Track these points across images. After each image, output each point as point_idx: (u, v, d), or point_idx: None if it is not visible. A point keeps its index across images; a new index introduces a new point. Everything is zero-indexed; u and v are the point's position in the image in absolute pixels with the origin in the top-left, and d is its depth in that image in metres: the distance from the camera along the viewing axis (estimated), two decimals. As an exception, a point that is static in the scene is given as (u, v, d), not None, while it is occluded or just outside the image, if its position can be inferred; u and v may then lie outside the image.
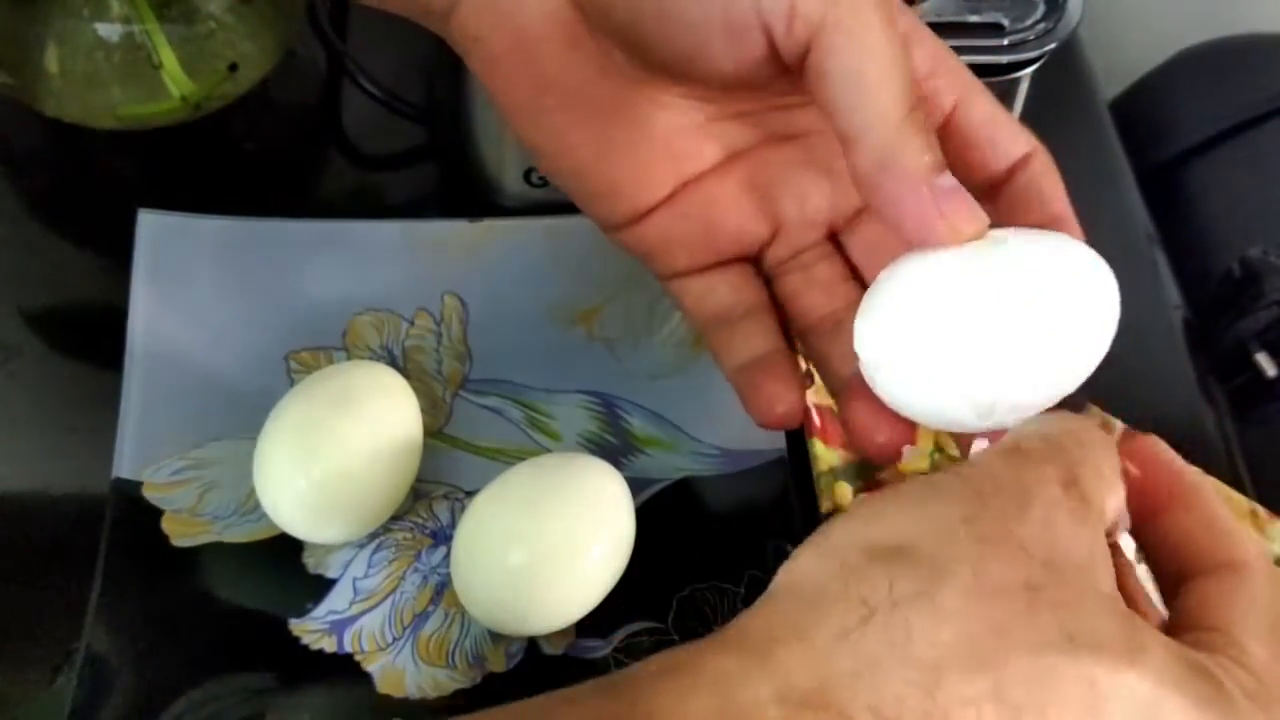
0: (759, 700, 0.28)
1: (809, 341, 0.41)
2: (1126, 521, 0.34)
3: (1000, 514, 0.30)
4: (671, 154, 0.40)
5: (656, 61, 0.38)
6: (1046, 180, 0.38)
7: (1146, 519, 0.34)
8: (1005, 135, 0.38)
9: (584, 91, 0.39)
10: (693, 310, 0.43)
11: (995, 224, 0.36)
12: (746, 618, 0.30)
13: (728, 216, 0.41)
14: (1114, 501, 0.33)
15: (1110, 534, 0.33)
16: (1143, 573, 0.35)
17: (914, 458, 0.51)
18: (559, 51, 0.38)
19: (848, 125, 0.34)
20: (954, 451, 0.50)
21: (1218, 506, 0.34)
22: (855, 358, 0.36)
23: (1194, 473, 0.35)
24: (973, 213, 0.34)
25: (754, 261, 0.42)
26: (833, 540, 0.30)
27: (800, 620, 0.29)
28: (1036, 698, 0.28)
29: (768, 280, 0.42)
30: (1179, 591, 0.33)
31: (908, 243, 0.35)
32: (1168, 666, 0.29)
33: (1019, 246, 0.35)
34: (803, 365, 0.42)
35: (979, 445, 0.37)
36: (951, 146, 0.38)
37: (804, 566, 0.30)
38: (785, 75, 0.36)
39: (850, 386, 0.38)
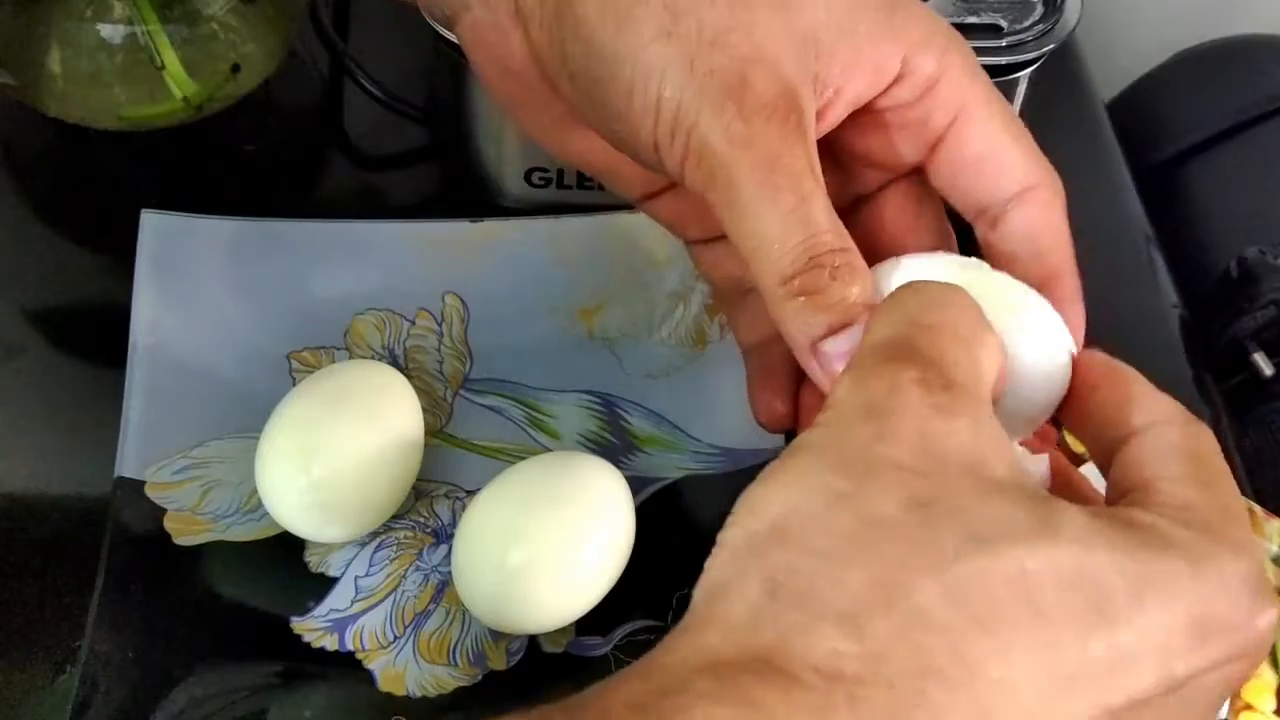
0: (689, 675, 0.27)
1: (730, 302, 0.43)
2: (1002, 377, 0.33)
3: (860, 444, 0.30)
4: None
5: None
6: (1044, 227, 0.38)
7: (1070, 408, 0.35)
8: (1003, 163, 0.38)
9: (570, 113, 0.40)
10: (707, 274, 0.44)
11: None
12: (673, 630, 0.30)
13: None
14: (987, 360, 0.32)
15: (995, 396, 0.32)
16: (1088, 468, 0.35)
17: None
18: (542, 83, 0.40)
19: (746, 269, 0.35)
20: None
21: (1133, 378, 0.34)
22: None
23: (1108, 359, 0.35)
24: None
25: None
26: (727, 539, 0.30)
27: (713, 611, 0.29)
28: (967, 610, 0.27)
29: None
30: (1108, 469, 0.33)
31: None
32: (1088, 529, 0.29)
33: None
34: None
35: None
36: (943, 169, 0.39)
37: (709, 570, 0.30)
38: None
39: (755, 353, 0.41)
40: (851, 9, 0.37)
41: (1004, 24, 0.54)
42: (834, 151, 0.39)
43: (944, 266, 0.36)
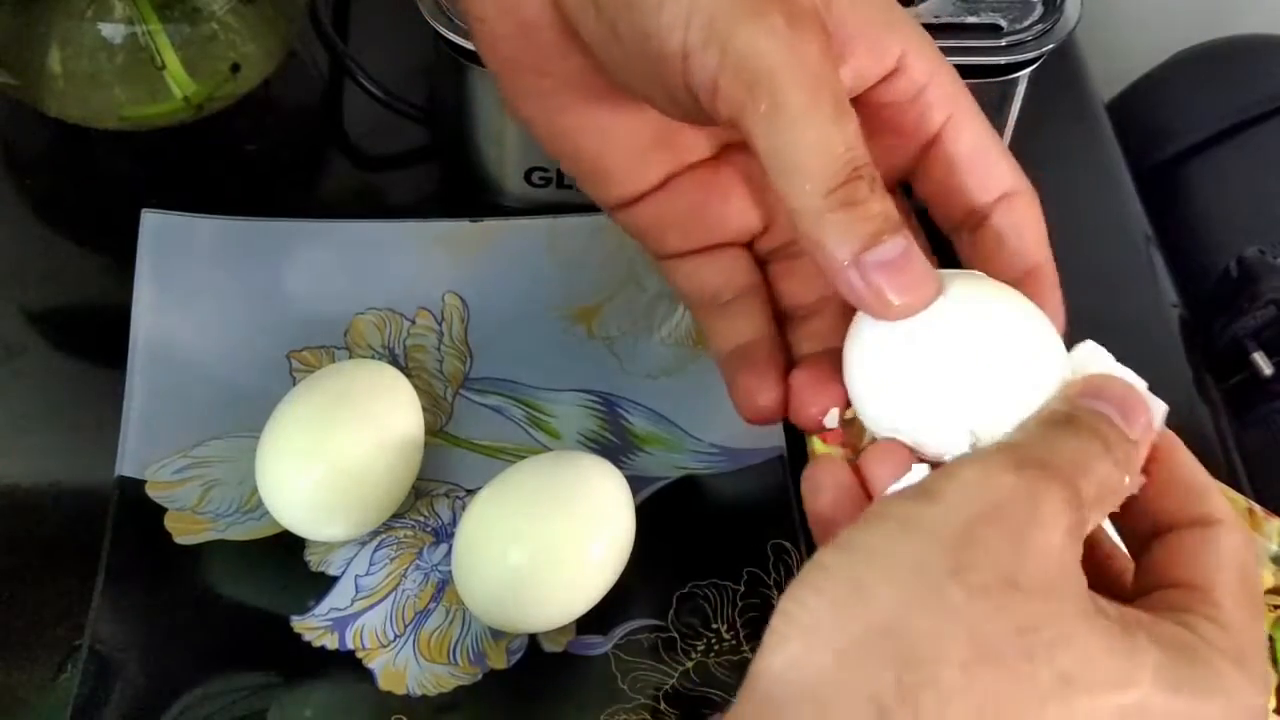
0: None
1: (784, 322, 0.42)
2: None
3: (991, 549, 0.29)
4: (665, 144, 0.41)
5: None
6: (1027, 225, 0.38)
7: None
8: (991, 167, 0.38)
9: (580, 79, 0.39)
10: (683, 289, 0.43)
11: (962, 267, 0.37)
12: (757, 715, 0.29)
13: (719, 207, 0.41)
14: (1129, 480, 0.32)
15: None
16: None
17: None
18: (557, 39, 0.39)
19: (779, 197, 0.34)
20: None
21: (1191, 463, 0.34)
22: (821, 343, 0.37)
23: (1168, 432, 0.34)
24: (902, 286, 0.34)
25: (749, 246, 0.43)
26: (823, 624, 0.29)
27: None
28: None
29: (761, 264, 0.43)
30: (1150, 547, 0.33)
31: None
32: (1161, 670, 0.29)
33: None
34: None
35: None
36: (933, 170, 0.39)
37: (795, 660, 0.29)
38: None
39: (804, 361, 0.39)
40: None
41: (1004, 23, 0.54)
42: None
43: (972, 283, 0.36)
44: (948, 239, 0.40)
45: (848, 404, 0.37)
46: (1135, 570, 0.34)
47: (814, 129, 0.33)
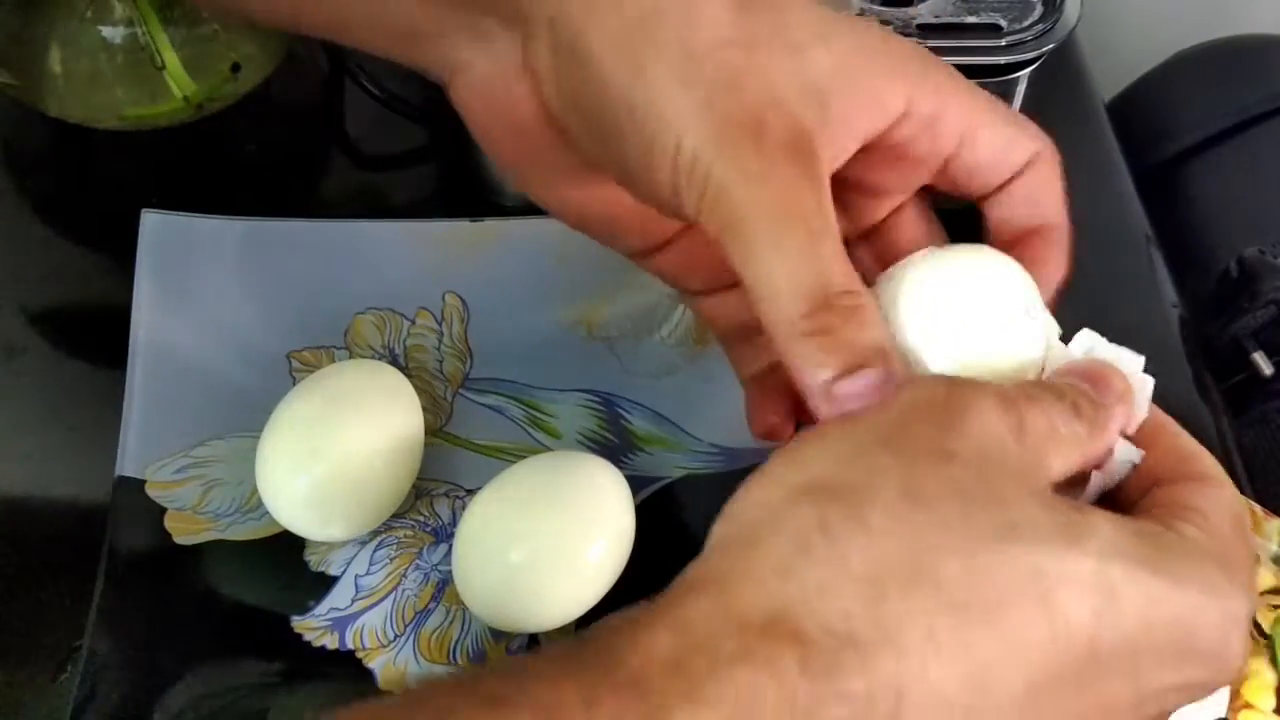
0: (715, 632, 0.28)
1: (729, 341, 0.44)
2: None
3: (924, 429, 0.30)
4: None
5: None
6: (1043, 186, 0.39)
7: None
8: (1011, 154, 0.39)
9: (576, 167, 0.40)
10: (711, 323, 0.45)
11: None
12: (692, 570, 0.31)
13: None
14: (1059, 461, 0.32)
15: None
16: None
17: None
18: (550, 139, 0.40)
19: (756, 311, 0.35)
20: None
21: (1182, 433, 0.35)
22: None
23: (1158, 410, 0.35)
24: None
25: None
26: (758, 487, 0.31)
27: (742, 562, 0.29)
28: (982, 594, 0.28)
29: None
30: (1141, 500, 0.33)
31: None
32: (1112, 539, 0.29)
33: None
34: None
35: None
36: (958, 178, 0.39)
37: (736, 515, 0.31)
38: None
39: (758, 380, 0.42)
40: (852, 53, 0.37)
41: (1004, 23, 0.54)
42: (847, 186, 0.39)
43: (964, 256, 0.37)
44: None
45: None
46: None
47: (781, 264, 0.34)
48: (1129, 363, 0.35)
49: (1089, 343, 0.36)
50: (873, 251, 0.42)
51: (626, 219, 0.42)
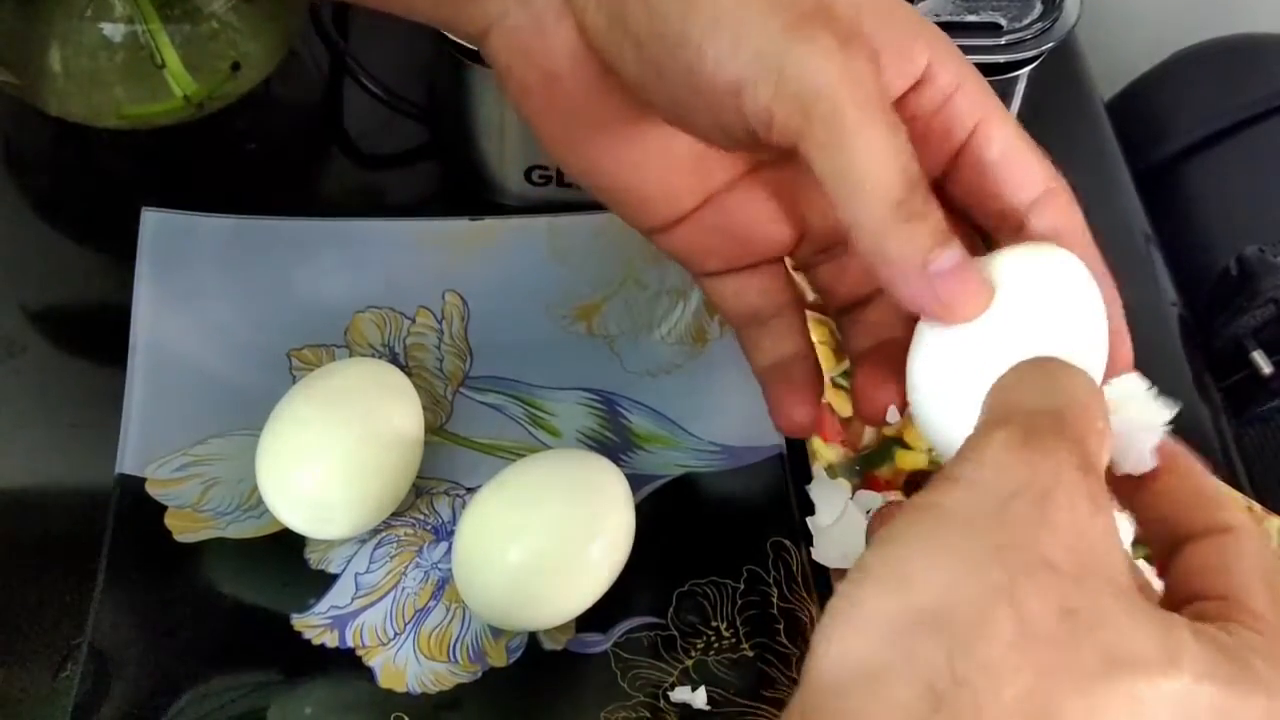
0: None
1: (838, 319, 0.43)
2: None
3: (1025, 529, 0.29)
4: (697, 169, 0.41)
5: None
6: (1066, 227, 0.38)
7: (1135, 489, 0.34)
8: (1024, 168, 0.38)
9: (611, 122, 0.40)
10: (724, 308, 0.44)
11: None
12: (806, 706, 0.29)
13: (754, 225, 0.42)
14: (1105, 454, 0.32)
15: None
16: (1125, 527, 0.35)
17: (910, 455, 0.51)
18: (586, 87, 0.39)
19: (840, 215, 0.35)
20: None
21: (1202, 472, 0.34)
22: (876, 336, 0.39)
23: (1178, 446, 0.35)
24: (968, 292, 0.34)
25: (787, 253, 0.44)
26: (868, 615, 0.29)
27: (869, 710, 0.28)
28: None
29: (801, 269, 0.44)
30: (1173, 559, 0.33)
31: None
32: (1200, 660, 0.29)
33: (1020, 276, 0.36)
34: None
35: None
36: (965, 175, 0.39)
37: (847, 649, 0.29)
38: None
39: (864, 358, 0.40)
40: (884, 10, 0.37)
41: (1003, 22, 0.54)
42: None
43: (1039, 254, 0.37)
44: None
45: (906, 402, 0.38)
46: (1165, 591, 0.34)
47: (875, 146, 0.34)
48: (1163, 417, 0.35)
49: (1132, 389, 0.35)
50: None
51: (650, 188, 0.41)
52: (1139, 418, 0.34)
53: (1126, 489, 0.35)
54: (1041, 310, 0.35)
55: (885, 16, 0.37)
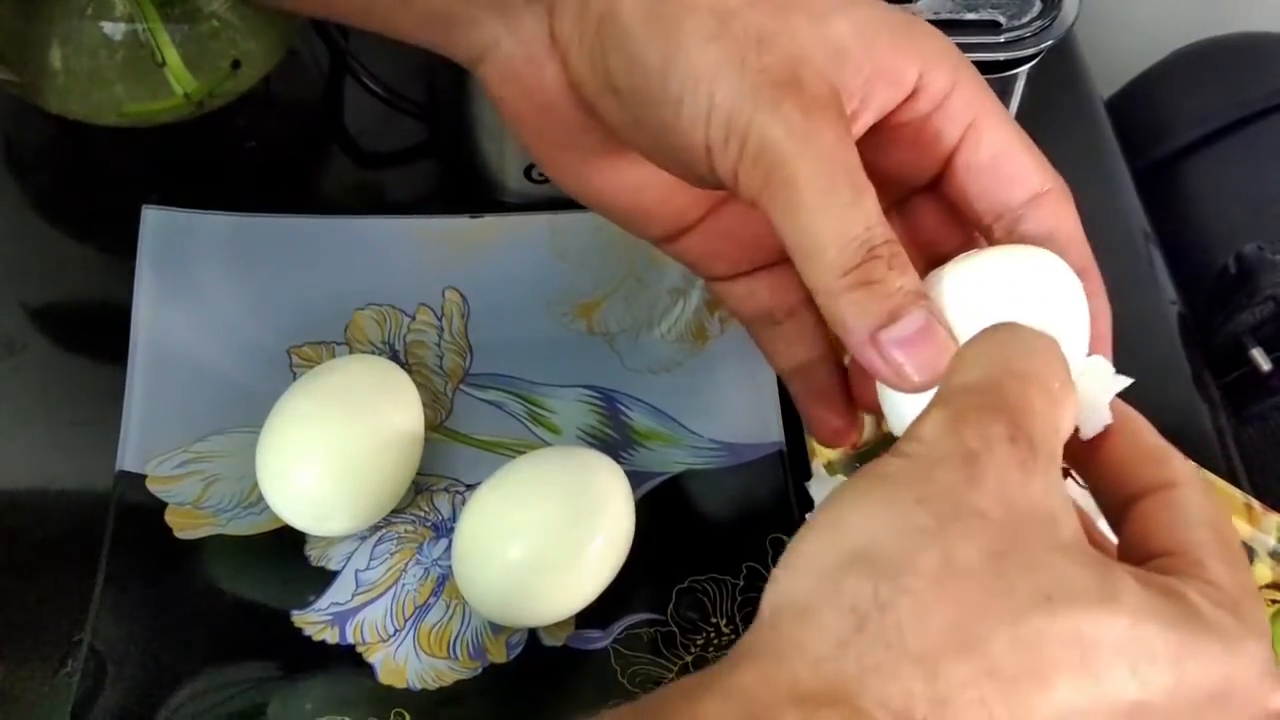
0: (776, 703, 0.28)
1: None
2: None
3: (950, 487, 0.30)
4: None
5: None
6: (1060, 227, 0.38)
7: (1089, 454, 0.35)
8: (1017, 168, 0.38)
9: (607, 148, 0.40)
10: (736, 311, 0.45)
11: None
12: (747, 640, 0.30)
13: (758, 231, 0.42)
14: (1065, 418, 0.33)
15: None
16: (1086, 500, 0.35)
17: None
18: (579, 118, 0.40)
19: (801, 276, 0.35)
20: None
21: (1145, 430, 0.35)
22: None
23: (1125, 406, 0.35)
24: (920, 363, 0.35)
25: None
26: (805, 555, 0.31)
27: (798, 636, 0.29)
28: (1028, 663, 0.28)
29: None
30: (1123, 520, 0.34)
31: None
32: (1143, 600, 0.30)
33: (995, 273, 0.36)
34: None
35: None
36: (959, 178, 0.39)
37: (786, 587, 0.31)
38: None
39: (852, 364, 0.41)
40: (871, 24, 0.37)
41: (1002, 20, 0.54)
42: None
43: (1009, 257, 0.37)
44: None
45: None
46: (1118, 549, 0.34)
47: (829, 217, 0.35)
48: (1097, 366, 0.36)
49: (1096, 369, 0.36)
50: None
51: (652, 206, 0.42)
52: (1095, 384, 0.35)
53: (1082, 454, 0.35)
54: (1017, 315, 0.35)
55: (870, 42, 0.37)
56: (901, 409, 0.36)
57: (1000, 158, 0.38)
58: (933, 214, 0.41)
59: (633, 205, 0.42)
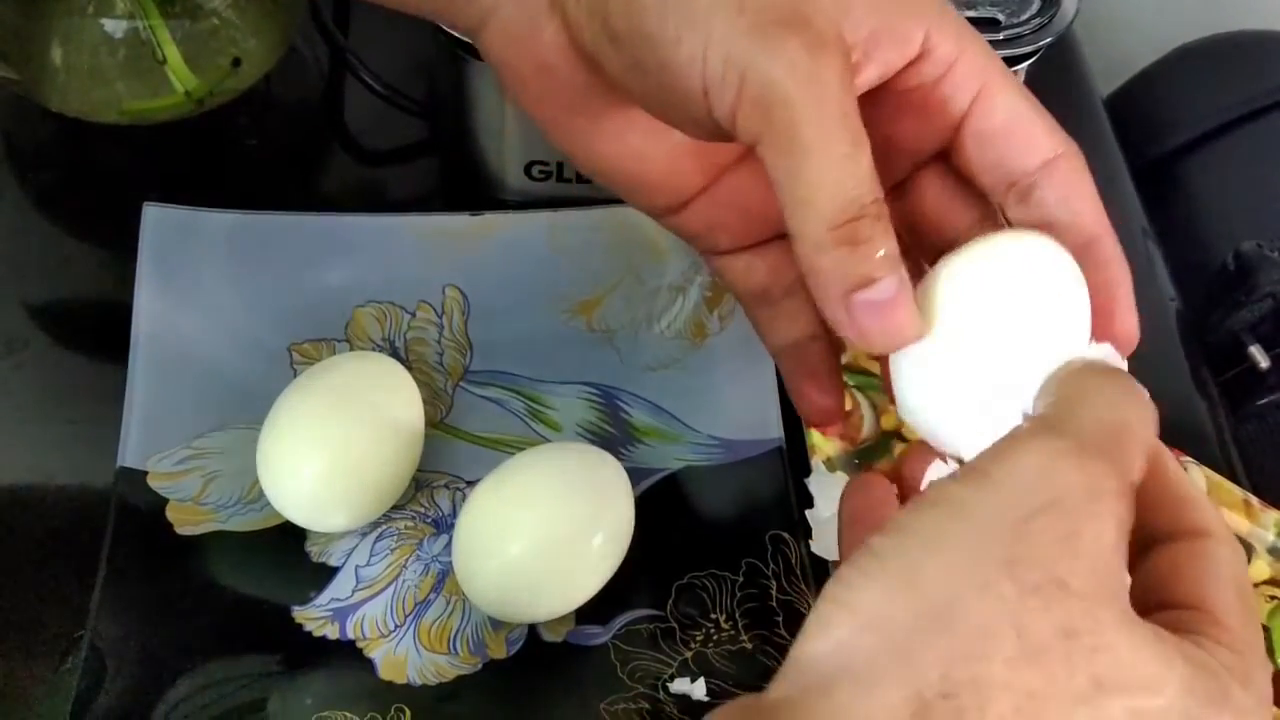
0: None
1: None
2: None
3: (1047, 547, 0.29)
4: (702, 150, 0.41)
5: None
6: (1074, 193, 0.38)
7: None
8: (1028, 135, 0.38)
9: (608, 111, 0.40)
10: (734, 286, 0.44)
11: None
12: (794, 699, 0.29)
13: (762, 201, 0.41)
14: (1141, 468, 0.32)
15: None
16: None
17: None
18: (580, 78, 0.39)
19: (785, 221, 0.35)
20: None
21: (1179, 473, 0.34)
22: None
23: (1157, 443, 0.34)
24: (888, 328, 0.34)
25: None
26: (868, 608, 0.29)
27: (855, 706, 0.28)
28: None
29: None
30: (1146, 556, 0.33)
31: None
32: (1183, 681, 0.29)
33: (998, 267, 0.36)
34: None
35: None
36: (969, 145, 0.38)
37: (842, 643, 0.29)
38: None
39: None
40: None
41: (1001, 17, 0.54)
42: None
43: (1004, 241, 0.37)
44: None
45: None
46: (1132, 585, 0.33)
47: (826, 165, 0.34)
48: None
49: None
50: (897, 214, 0.41)
51: (655, 175, 0.41)
52: None
53: None
54: (1017, 306, 0.35)
55: (880, 3, 0.37)
56: (909, 398, 0.36)
57: (1011, 125, 0.38)
58: (941, 190, 0.40)
59: (636, 172, 0.42)
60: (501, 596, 0.45)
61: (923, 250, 0.40)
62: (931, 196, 0.40)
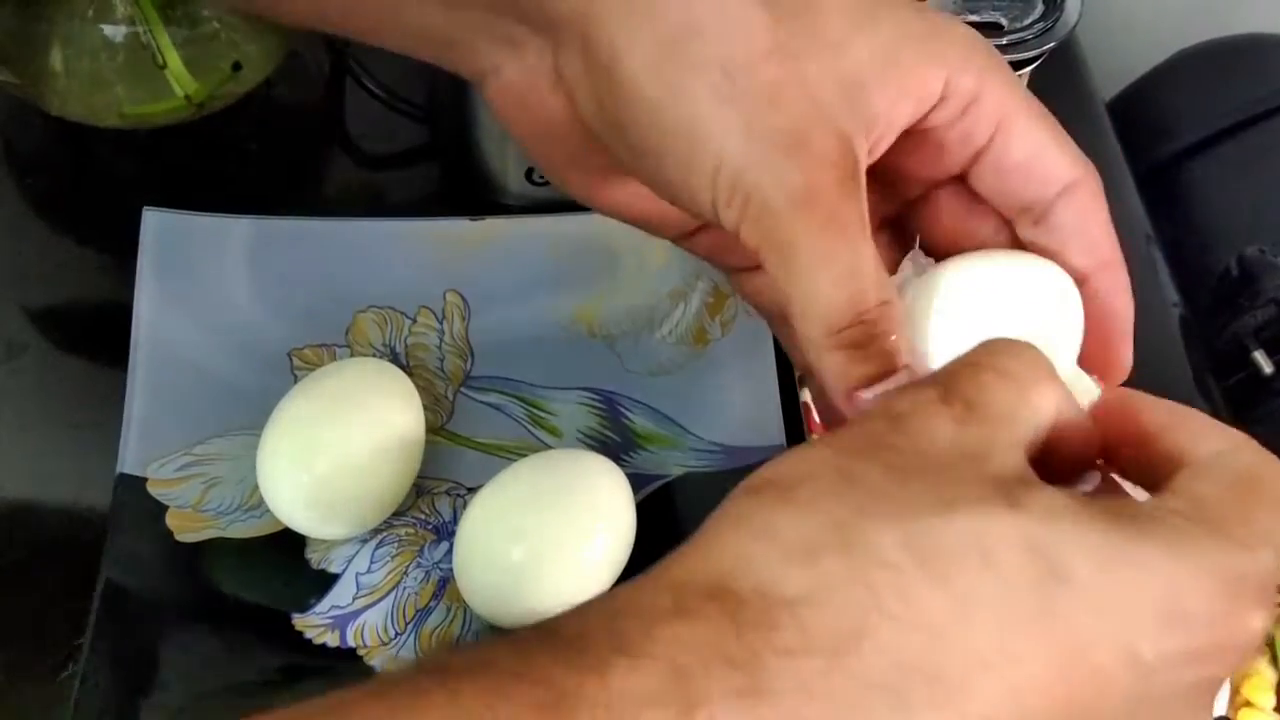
0: (650, 596, 0.30)
1: None
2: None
3: (869, 430, 0.31)
4: None
5: None
6: (1089, 219, 0.38)
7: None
8: (1047, 166, 0.38)
9: (613, 169, 0.40)
10: (753, 301, 0.44)
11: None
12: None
13: None
14: (1040, 401, 0.31)
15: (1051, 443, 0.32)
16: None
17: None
18: (586, 142, 0.40)
19: (789, 319, 0.36)
20: None
21: (1177, 407, 0.33)
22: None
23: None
24: None
25: None
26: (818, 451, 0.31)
27: (686, 548, 0.31)
28: (919, 557, 0.28)
29: None
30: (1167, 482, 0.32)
31: None
32: (1056, 506, 0.28)
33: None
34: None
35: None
36: (987, 175, 0.39)
37: (802, 455, 0.31)
38: None
39: None
40: (893, 41, 0.37)
41: (1004, 22, 0.54)
42: (879, 168, 0.39)
43: (994, 262, 0.37)
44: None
45: None
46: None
47: (822, 281, 0.35)
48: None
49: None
50: (901, 236, 0.41)
51: (663, 214, 0.41)
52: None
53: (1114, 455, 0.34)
54: (1009, 321, 0.35)
55: (892, 63, 0.36)
56: None
57: (1030, 160, 0.38)
58: (957, 207, 0.41)
59: (642, 213, 0.42)
60: (503, 603, 0.45)
61: (938, 259, 0.41)
62: (948, 214, 0.41)
